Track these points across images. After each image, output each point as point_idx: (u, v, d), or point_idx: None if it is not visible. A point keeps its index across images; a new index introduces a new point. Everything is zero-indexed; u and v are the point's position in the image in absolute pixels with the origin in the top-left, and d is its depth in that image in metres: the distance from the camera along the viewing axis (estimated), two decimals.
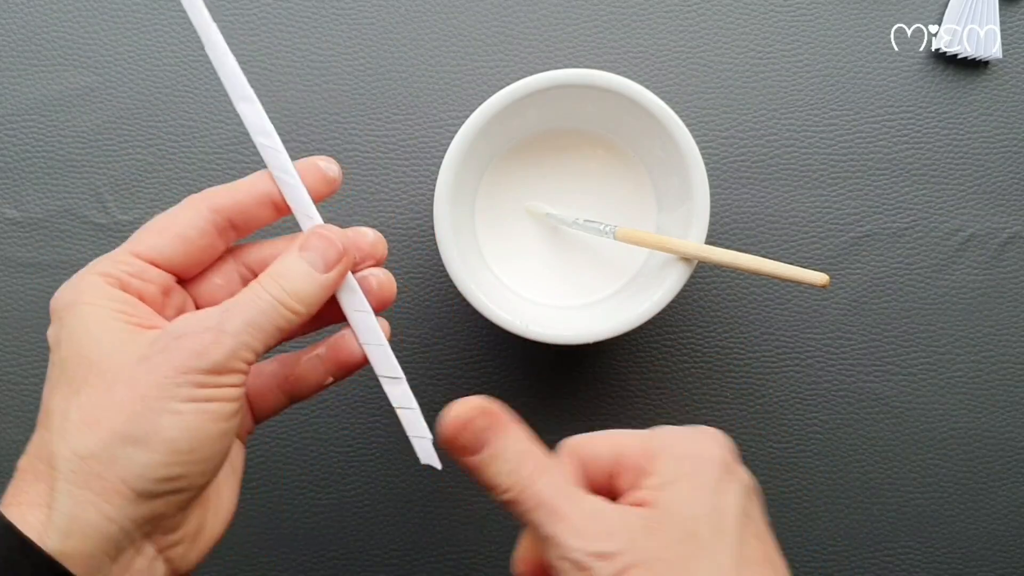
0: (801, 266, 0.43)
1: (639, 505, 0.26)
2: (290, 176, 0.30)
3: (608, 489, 0.27)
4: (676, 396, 0.43)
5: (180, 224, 0.29)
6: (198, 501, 0.28)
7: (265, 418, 0.33)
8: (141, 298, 0.28)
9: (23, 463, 0.26)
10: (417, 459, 0.32)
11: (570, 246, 0.41)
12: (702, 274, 0.43)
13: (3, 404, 0.42)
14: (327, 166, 0.31)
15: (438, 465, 0.31)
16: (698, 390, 0.43)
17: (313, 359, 0.31)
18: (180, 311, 0.30)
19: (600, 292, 0.41)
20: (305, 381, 0.32)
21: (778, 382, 0.43)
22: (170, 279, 0.29)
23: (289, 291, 0.28)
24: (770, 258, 0.43)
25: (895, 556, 0.43)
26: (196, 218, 0.29)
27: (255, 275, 0.31)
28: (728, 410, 0.43)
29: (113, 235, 0.43)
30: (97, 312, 0.27)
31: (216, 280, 0.31)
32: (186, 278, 0.30)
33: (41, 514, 0.24)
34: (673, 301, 0.38)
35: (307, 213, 0.30)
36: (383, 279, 0.31)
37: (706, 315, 0.43)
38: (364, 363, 0.31)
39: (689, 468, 0.26)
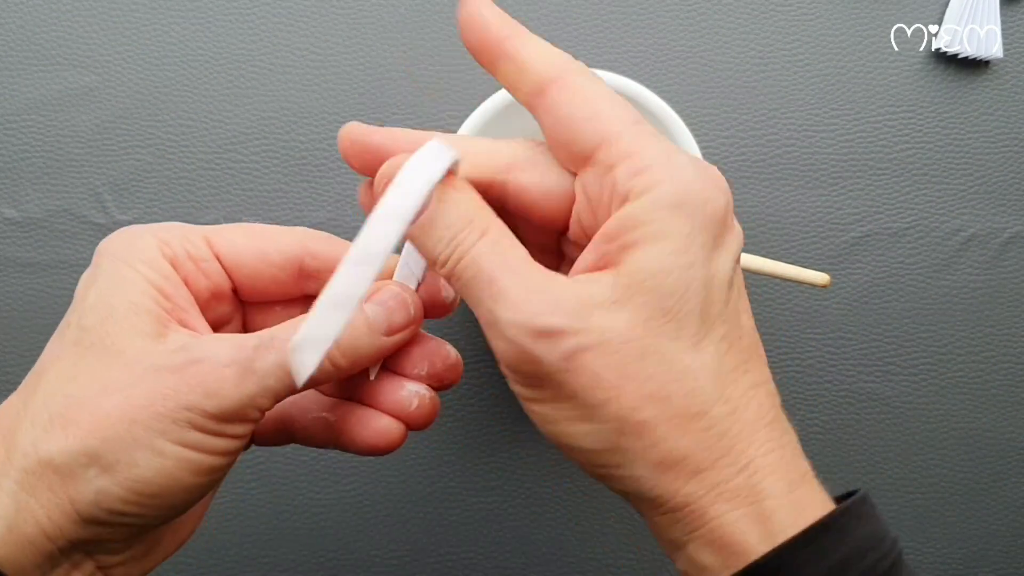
0: (802, 266, 0.43)
1: (602, 269, 0.21)
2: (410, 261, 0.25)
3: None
4: None
5: (271, 240, 0.25)
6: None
7: (263, 444, 0.28)
8: (187, 284, 0.24)
9: None
10: (416, 458, 0.32)
11: None
12: None
13: None
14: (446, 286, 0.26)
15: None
16: None
17: (319, 419, 0.26)
18: (223, 323, 0.26)
19: None
20: (311, 437, 0.27)
21: (779, 382, 0.43)
22: (227, 284, 0.25)
23: (344, 344, 0.23)
24: (771, 258, 0.43)
25: None
26: (289, 245, 0.25)
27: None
28: None
29: None
30: (135, 284, 0.23)
31: (278, 310, 0.27)
32: (243, 297, 0.26)
33: None
34: None
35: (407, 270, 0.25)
36: (427, 398, 0.26)
37: None
38: (376, 450, 0.26)
39: (683, 222, 0.21)
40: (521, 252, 0.22)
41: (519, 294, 0.21)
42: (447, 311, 0.27)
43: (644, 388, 0.20)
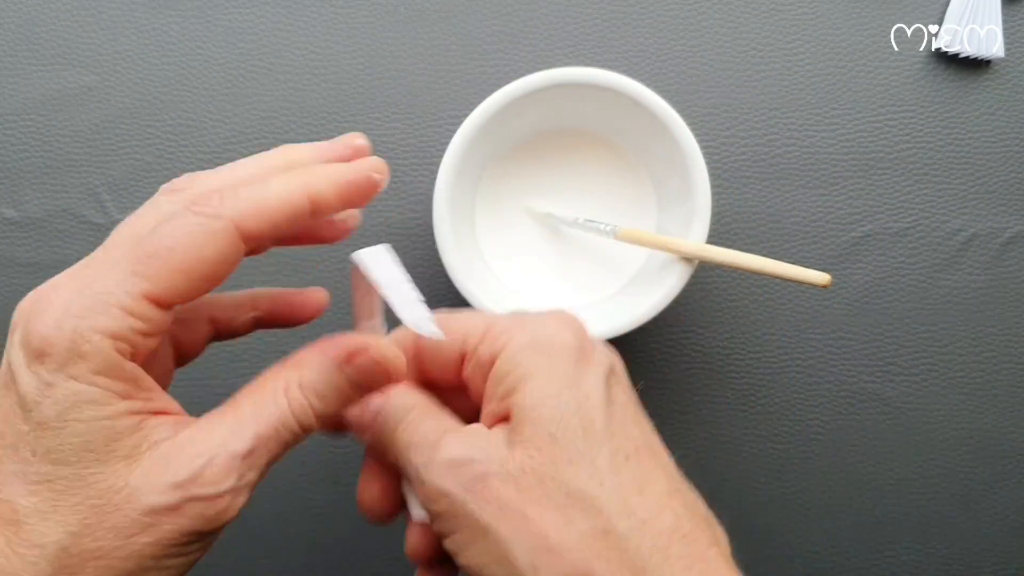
0: (802, 266, 0.43)
1: (501, 421, 0.24)
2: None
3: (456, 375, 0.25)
4: (677, 397, 0.43)
5: (208, 258, 0.22)
6: None
7: (187, 358, 0.28)
8: (145, 363, 0.22)
9: None
10: None
11: (570, 246, 0.41)
12: (702, 274, 0.43)
13: None
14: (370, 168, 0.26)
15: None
16: (699, 391, 0.43)
17: (250, 320, 0.29)
18: (154, 356, 0.24)
19: (600, 292, 0.41)
20: (231, 325, 0.28)
21: (779, 382, 0.43)
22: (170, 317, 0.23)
23: (317, 410, 0.23)
24: (772, 258, 0.43)
25: (896, 556, 0.43)
26: (227, 250, 0.22)
27: (259, 311, 0.29)
28: (729, 411, 0.43)
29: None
30: (99, 405, 0.21)
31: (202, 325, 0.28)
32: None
33: None
34: (673, 301, 0.37)
35: (372, 318, 0.25)
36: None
37: (706, 315, 0.43)
38: (303, 318, 0.29)
39: (540, 359, 0.23)
40: (439, 422, 0.24)
41: (434, 442, 0.23)
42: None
43: (548, 513, 0.21)
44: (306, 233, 0.28)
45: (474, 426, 0.24)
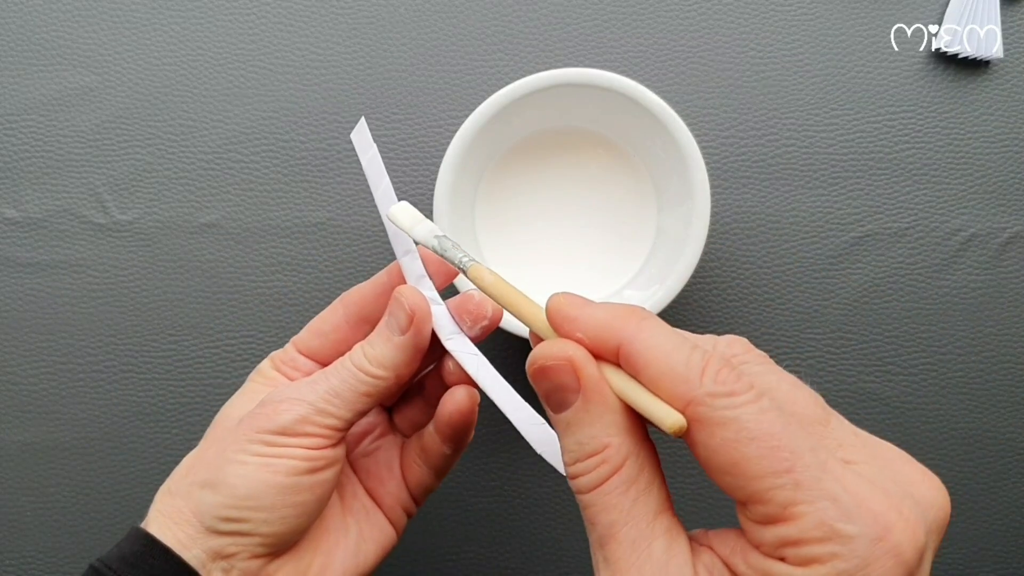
0: (802, 266, 0.43)
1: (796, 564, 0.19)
2: (411, 254, 0.31)
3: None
4: None
5: (322, 320, 0.32)
6: (287, 559, 0.30)
7: (421, 494, 0.34)
8: (289, 378, 0.32)
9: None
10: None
11: (570, 246, 0.41)
12: (702, 274, 0.43)
13: (3, 404, 0.42)
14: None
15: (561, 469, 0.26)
16: None
17: (430, 432, 0.33)
18: None
19: (600, 292, 0.41)
20: (430, 452, 0.33)
21: None
22: (314, 366, 0.32)
23: (370, 356, 0.30)
24: (771, 258, 0.43)
25: None
26: (331, 315, 0.32)
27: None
28: None
29: (112, 235, 0.43)
30: (254, 387, 0.32)
31: None
32: (329, 363, 0.32)
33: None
34: (673, 301, 0.37)
35: (419, 283, 0.31)
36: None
37: (706, 315, 0.43)
38: (463, 422, 0.32)
39: (870, 563, 0.18)
40: (661, 526, 0.20)
41: (640, 546, 0.20)
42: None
43: None
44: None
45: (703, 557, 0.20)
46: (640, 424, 0.22)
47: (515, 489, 0.43)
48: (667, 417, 0.20)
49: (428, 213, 0.43)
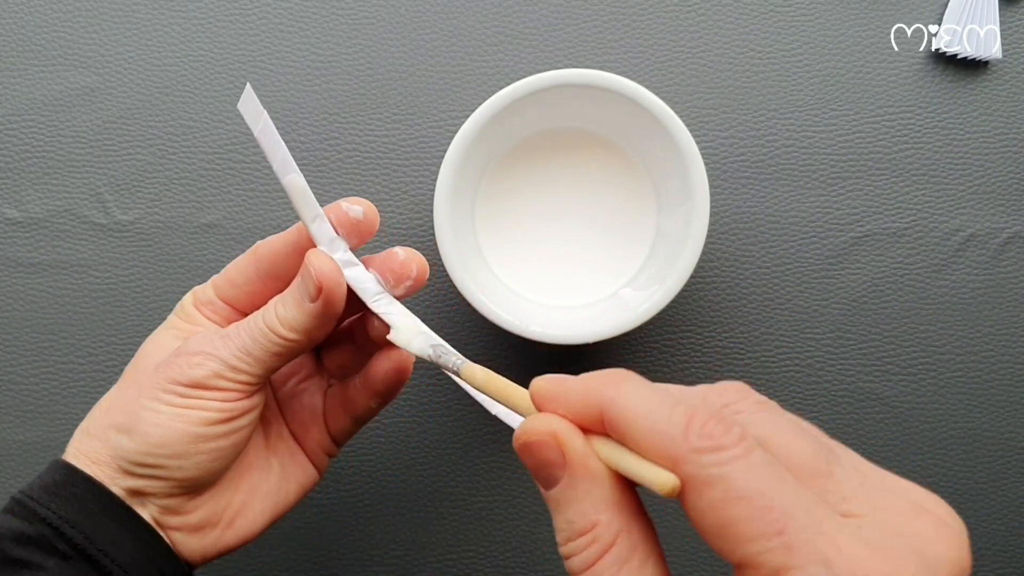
0: (801, 266, 0.43)
1: None
2: (319, 219, 0.31)
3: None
4: None
5: (236, 270, 0.32)
6: (207, 498, 0.31)
7: (342, 439, 0.35)
8: (209, 319, 0.33)
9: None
10: (416, 458, 0.32)
11: (570, 246, 0.41)
12: (702, 274, 0.43)
13: (3, 404, 0.42)
14: (348, 207, 0.31)
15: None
16: None
17: (356, 385, 0.33)
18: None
19: (600, 292, 0.41)
20: (355, 404, 0.34)
21: (778, 382, 0.43)
22: (231, 312, 0.33)
23: (281, 318, 0.30)
24: (770, 258, 0.43)
25: None
26: (245, 266, 0.32)
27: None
28: None
29: (113, 235, 0.43)
30: (175, 322, 0.33)
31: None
32: (245, 312, 0.33)
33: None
34: (673, 301, 0.38)
35: (331, 247, 0.31)
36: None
37: (706, 315, 0.43)
38: (398, 379, 0.33)
39: None
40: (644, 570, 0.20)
41: None
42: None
43: None
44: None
45: None
46: (633, 497, 0.21)
47: (515, 489, 0.43)
48: (657, 478, 0.19)
49: (428, 213, 0.43)
